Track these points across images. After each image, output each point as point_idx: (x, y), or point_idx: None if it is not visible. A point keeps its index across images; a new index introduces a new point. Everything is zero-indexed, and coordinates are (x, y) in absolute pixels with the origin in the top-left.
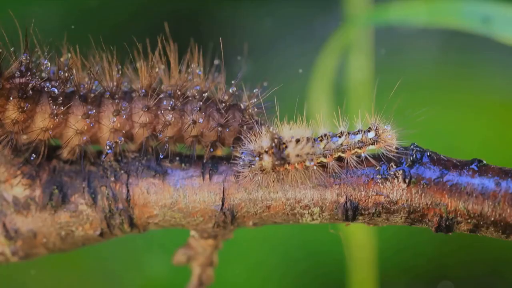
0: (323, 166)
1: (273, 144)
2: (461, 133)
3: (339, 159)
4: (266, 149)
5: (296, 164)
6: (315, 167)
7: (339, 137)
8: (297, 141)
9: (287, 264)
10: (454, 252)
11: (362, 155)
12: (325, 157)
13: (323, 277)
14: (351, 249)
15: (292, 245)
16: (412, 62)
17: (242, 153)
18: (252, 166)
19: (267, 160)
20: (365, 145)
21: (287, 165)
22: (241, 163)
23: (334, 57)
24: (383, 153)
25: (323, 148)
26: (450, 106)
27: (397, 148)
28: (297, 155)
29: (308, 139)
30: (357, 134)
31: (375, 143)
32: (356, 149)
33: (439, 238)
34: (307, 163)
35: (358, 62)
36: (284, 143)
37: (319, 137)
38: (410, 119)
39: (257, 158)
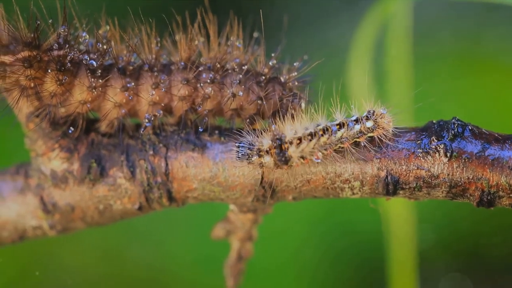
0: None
1: (275, 145)
2: (500, 107)
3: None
4: (268, 149)
5: (302, 160)
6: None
7: (339, 129)
8: (300, 139)
9: (326, 243)
10: (493, 230)
11: (362, 143)
12: (340, 144)
13: (362, 255)
14: (390, 226)
15: (331, 224)
16: (450, 34)
17: (239, 145)
18: (251, 161)
19: (268, 161)
20: (364, 134)
21: (291, 163)
22: (239, 155)
23: (373, 30)
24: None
25: (325, 141)
26: (489, 79)
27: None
28: (300, 157)
29: (313, 134)
30: (355, 124)
31: (373, 131)
32: (355, 139)
33: (478, 216)
34: (314, 160)
35: (397, 35)
36: (286, 143)
37: (321, 130)
38: (448, 93)
39: (256, 156)
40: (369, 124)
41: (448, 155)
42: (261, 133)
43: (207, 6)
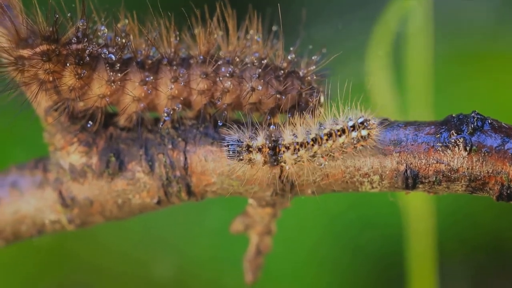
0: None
1: (269, 145)
2: None
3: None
4: (260, 146)
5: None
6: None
7: (340, 136)
8: (298, 145)
9: (345, 237)
10: None
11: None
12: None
13: (381, 249)
14: (409, 220)
15: (350, 218)
16: (470, 29)
17: (227, 144)
18: (241, 158)
19: (259, 159)
20: (359, 141)
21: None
22: (230, 154)
23: (392, 23)
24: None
25: (330, 147)
26: (509, 75)
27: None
28: (296, 162)
29: (315, 140)
30: (352, 131)
31: (366, 140)
32: (354, 142)
33: (498, 210)
34: (316, 165)
35: (416, 29)
36: (283, 146)
37: (325, 135)
38: (468, 87)
39: (245, 153)
40: (364, 132)
41: (468, 149)
42: (254, 130)
43: (226, 0)
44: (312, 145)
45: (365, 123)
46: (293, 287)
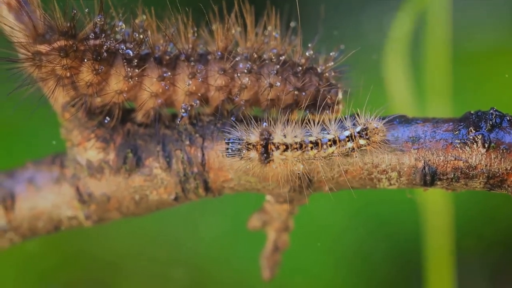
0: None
1: (261, 143)
2: None
3: None
4: (255, 143)
5: (283, 164)
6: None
7: (330, 146)
8: (286, 146)
9: (363, 234)
10: None
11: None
12: (330, 157)
13: (399, 245)
14: (427, 217)
15: (368, 215)
16: (490, 23)
17: (228, 141)
18: (242, 155)
19: (253, 156)
20: (355, 150)
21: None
22: (230, 151)
23: (410, 19)
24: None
25: (313, 155)
26: None
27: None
28: (283, 161)
29: (300, 144)
30: (348, 141)
31: (366, 146)
32: (348, 152)
33: None
34: (295, 169)
35: (434, 24)
36: (274, 144)
37: (310, 143)
38: (486, 85)
39: (245, 150)
40: (362, 142)
41: (486, 145)
42: (250, 128)
43: None
44: (296, 149)
45: (362, 132)
46: (309, 283)
